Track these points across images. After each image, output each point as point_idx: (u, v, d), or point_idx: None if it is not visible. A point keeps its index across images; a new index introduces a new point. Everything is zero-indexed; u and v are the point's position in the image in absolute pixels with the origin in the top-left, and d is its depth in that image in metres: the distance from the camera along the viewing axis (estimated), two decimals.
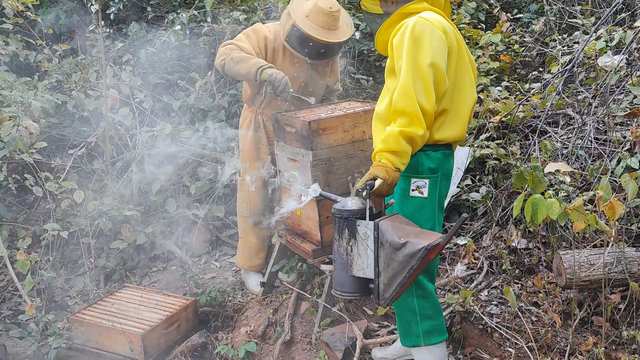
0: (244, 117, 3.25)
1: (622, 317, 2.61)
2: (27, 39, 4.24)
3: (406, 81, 1.95)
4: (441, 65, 1.99)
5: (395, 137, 1.94)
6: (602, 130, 3.36)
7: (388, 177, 1.92)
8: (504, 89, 3.75)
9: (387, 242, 1.85)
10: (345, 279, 1.99)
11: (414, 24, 2.00)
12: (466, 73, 2.17)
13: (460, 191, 3.39)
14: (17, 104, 3.56)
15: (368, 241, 1.91)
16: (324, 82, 3.18)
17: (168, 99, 4.22)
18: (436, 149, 2.15)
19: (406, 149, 1.95)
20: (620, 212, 2.13)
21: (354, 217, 1.94)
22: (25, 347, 3.00)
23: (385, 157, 1.95)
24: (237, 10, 4.17)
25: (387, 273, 1.88)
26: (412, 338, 2.29)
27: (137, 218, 3.86)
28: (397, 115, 1.97)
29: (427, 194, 2.16)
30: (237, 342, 2.95)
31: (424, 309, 2.25)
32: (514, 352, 2.57)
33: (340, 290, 2.02)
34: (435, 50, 1.98)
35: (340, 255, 1.97)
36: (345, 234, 1.95)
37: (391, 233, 1.85)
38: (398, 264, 1.84)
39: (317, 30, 2.83)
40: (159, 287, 3.63)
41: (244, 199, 3.27)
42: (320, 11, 2.82)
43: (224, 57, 2.91)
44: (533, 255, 3.03)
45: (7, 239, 3.78)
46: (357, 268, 1.95)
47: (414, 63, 1.96)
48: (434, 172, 2.16)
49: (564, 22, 4.27)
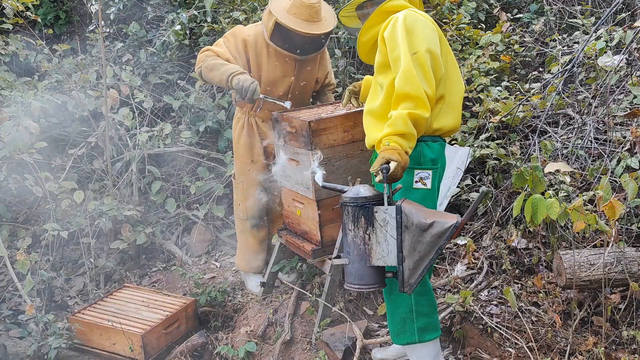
0: (236, 120, 3.22)
1: (622, 317, 2.61)
2: (27, 39, 4.24)
3: (407, 66, 1.97)
4: (436, 51, 2.03)
5: (404, 120, 1.92)
6: (602, 130, 3.36)
7: (401, 159, 1.89)
8: (504, 89, 3.75)
9: (413, 224, 1.79)
10: (364, 271, 1.89)
11: (404, 15, 2.05)
12: (453, 65, 2.22)
13: (460, 191, 3.39)
14: (17, 104, 3.56)
15: (388, 227, 1.82)
16: (313, 77, 3.16)
17: (168, 99, 4.22)
18: (435, 140, 2.18)
19: (413, 131, 1.95)
20: (620, 212, 2.13)
21: (370, 204, 1.86)
22: (25, 347, 3.00)
23: (394, 140, 1.93)
24: (237, 10, 4.17)
25: (412, 257, 1.81)
26: (407, 335, 2.28)
27: (137, 218, 3.86)
28: (402, 100, 1.96)
29: (430, 185, 2.16)
30: (237, 342, 2.95)
31: (421, 306, 2.26)
32: (514, 352, 2.57)
33: (359, 283, 1.90)
34: (429, 38, 2.03)
35: (357, 246, 1.87)
36: (362, 223, 1.85)
37: (416, 214, 1.79)
38: (426, 246, 1.78)
39: (300, 24, 2.80)
40: (159, 287, 3.63)
41: (239, 202, 3.26)
42: (300, 5, 2.79)
43: (201, 65, 2.90)
44: (533, 255, 3.03)
45: (7, 239, 3.78)
46: (376, 257, 1.86)
47: (411, 49, 1.99)
48: (435, 163, 2.17)
49: (564, 22, 4.27)
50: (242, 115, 3.18)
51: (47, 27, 4.87)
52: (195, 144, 4.26)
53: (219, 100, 4.18)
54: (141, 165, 4.05)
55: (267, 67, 2.98)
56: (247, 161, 3.17)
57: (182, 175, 4.29)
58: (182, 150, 4.25)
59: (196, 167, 4.27)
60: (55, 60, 4.24)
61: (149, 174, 4.07)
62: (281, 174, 2.94)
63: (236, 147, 3.22)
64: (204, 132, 4.21)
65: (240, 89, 2.76)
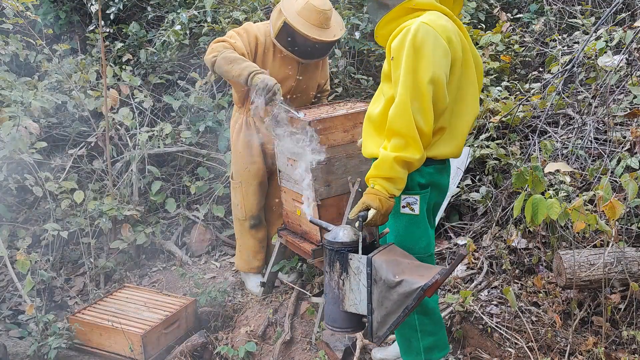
0: (234, 119, 3.20)
1: (622, 317, 2.61)
2: (27, 39, 4.24)
3: (404, 98, 1.82)
4: (442, 80, 1.85)
5: (390, 164, 1.82)
6: (602, 130, 3.36)
7: (382, 206, 1.82)
8: (504, 89, 3.75)
9: (381, 279, 1.74)
10: (337, 314, 1.88)
11: (415, 30, 1.84)
12: (470, 85, 2.04)
13: (460, 191, 3.39)
14: (17, 104, 3.56)
15: (361, 276, 1.79)
16: (315, 82, 3.15)
17: (168, 99, 4.22)
18: (428, 164, 2.01)
19: (401, 174, 1.84)
20: (620, 212, 2.13)
21: (346, 250, 1.82)
22: (25, 347, 3.00)
23: (378, 183, 1.84)
24: (237, 10, 4.17)
25: (380, 311, 1.76)
26: (413, 355, 2.22)
27: (137, 218, 3.86)
28: (392, 136, 1.84)
29: (417, 211, 2.04)
30: (237, 342, 2.95)
31: (425, 325, 2.19)
32: (514, 352, 2.57)
33: (332, 325, 1.91)
34: (437, 63, 1.83)
35: (332, 289, 1.85)
36: (337, 267, 1.83)
37: (385, 270, 1.74)
38: (392, 303, 1.73)
39: (309, 28, 2.78)
40: (159, 287, 3.63)
41: (237, 202, 3.24)
42: (312, 9, 2.77)
43: (216, 55, 2.80)
44: (533, 255, 3.03)
45: (7, 239, 3.78)
46: (349, 303, 1.83)
47: (414, 78, 1.82)
48: (424, 187, 2.04)
49: (564, 22, 4.27)
50: (240, 115, 3.16)
51: (47, 27, 4.86)
52: (195, 144, 4.26)
53: (219, 100, 4.18)
54: (141, 165, 4.05)
55: (271, 67, 2.97)
56: (246, 161, 3.16)
57: (182, 175, 4.29)
58: (182, 150, 4.25)
59: (196, 167, 4.27)
60: (55, 60, 4.24)
61: (149, 174, 4.07)
62: (282, 174, 2.94)
63: (234, 147, 3.20)
64: (204, 132, 4.21)
65: (263, 87, 2.66)
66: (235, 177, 3.24)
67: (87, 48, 4.89)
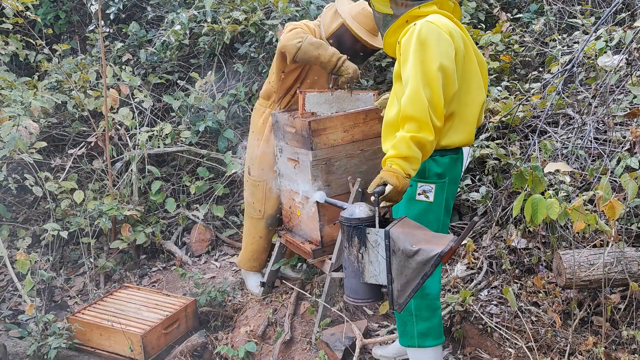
0: (259, 113, 3.13)
1: (622, 317, 2.61)
2: (27, 39, 4.25)
3: (415, 86, 1.93)
4: (450, 67, 1.97)
5: (407, 143, 1.91)
6: (602, 130, 3.36)
7: (399, 183, 1.89)
8: (504, 89, 3.75)
9: (400, 250, 1.83)
10: (357, 286, 1.97)
11: (420, 27, 1.99)
12: (474, 75, 2.15)
13: (460, 191, 3.39)
14: (17, 104, 3.56)
15: (379, 248, 1.88)
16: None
17: (168, 98, 4.22)
18: (443, 154, 2.14)
19: (417, 154, 1.92)
20: (620, 212, 2.13)
21: (363, 225, 1.91)
22: (25, 347, 3.00)
23: (396, 162, 1.92)
24: (237, 10, 4.17)
25: (400, 280, 1.86)
26: (407, 338, 2.30)
27: (137, 218, 3.86)
28: (406, 121, 1.94)
29: (432, 199, 2.15)
30: (237, 342, 2.95)
31: (420, 310, 2.25)
32: (513, 352, 2.57)
33: (354, 298, 1.99)
34: (443, 53, 1.96)
35: (351, 263, 1.95)
36: (355, 242, 1.92)
37: (403, 241, 1.83)
38: (412, 271, 1.82)
39: (365, 33, 2.84)
40: (158, 287, 3.63)
41: (255, 201, 3.17)
42: (368, 15, 2.83)
43: (301, 40, 2.76)
44: (533, 255, 3.03)
45: (7, 239, 3.78)
46: (369, 275, 1.92)
47: (422, 67, 1.94)
48: (441, 177, 2.15)
49: (564, 22, 4.27)
50: (269, 110, 3.10)
51: (47, 27, 4.86)
52: (195, 144, 4.26)
53: (219, 100, 4.18)
54: (141, 165, 4.05)
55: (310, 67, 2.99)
56: (274, 158, 3.08)
57: (182, 175, 4.30)
58: (182, 150, 4.25)
59: (196, 167, 4.27)
60: (55, 60, 4.24)
61: (149, 174, 4.07)
62: (282, 173, 2.94)
63: (263, 147, 3.12)
64: (204, 132, 4.21)
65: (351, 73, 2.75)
66: (255, 175, 3.15)
67: (87, 48, 4.89)
